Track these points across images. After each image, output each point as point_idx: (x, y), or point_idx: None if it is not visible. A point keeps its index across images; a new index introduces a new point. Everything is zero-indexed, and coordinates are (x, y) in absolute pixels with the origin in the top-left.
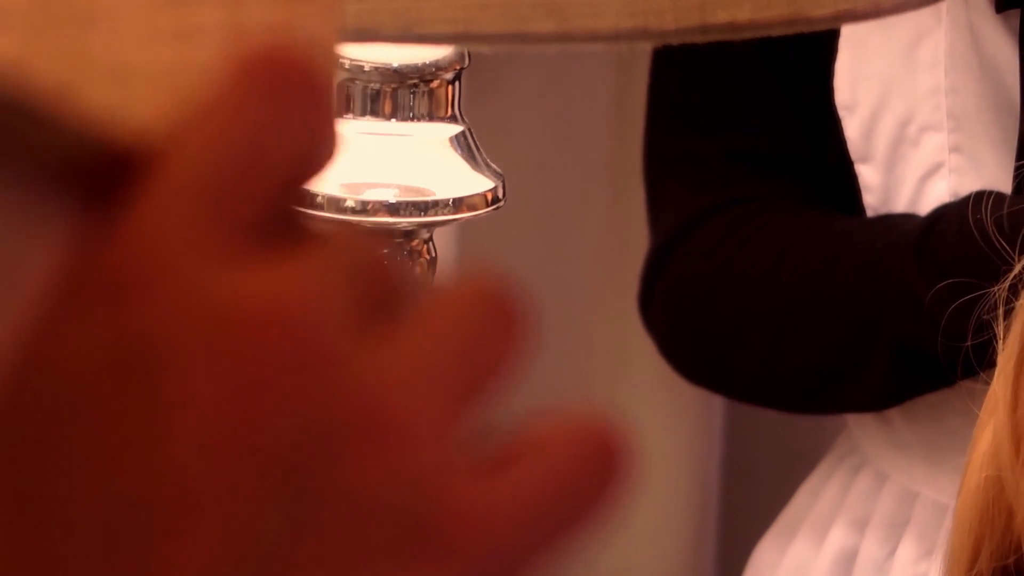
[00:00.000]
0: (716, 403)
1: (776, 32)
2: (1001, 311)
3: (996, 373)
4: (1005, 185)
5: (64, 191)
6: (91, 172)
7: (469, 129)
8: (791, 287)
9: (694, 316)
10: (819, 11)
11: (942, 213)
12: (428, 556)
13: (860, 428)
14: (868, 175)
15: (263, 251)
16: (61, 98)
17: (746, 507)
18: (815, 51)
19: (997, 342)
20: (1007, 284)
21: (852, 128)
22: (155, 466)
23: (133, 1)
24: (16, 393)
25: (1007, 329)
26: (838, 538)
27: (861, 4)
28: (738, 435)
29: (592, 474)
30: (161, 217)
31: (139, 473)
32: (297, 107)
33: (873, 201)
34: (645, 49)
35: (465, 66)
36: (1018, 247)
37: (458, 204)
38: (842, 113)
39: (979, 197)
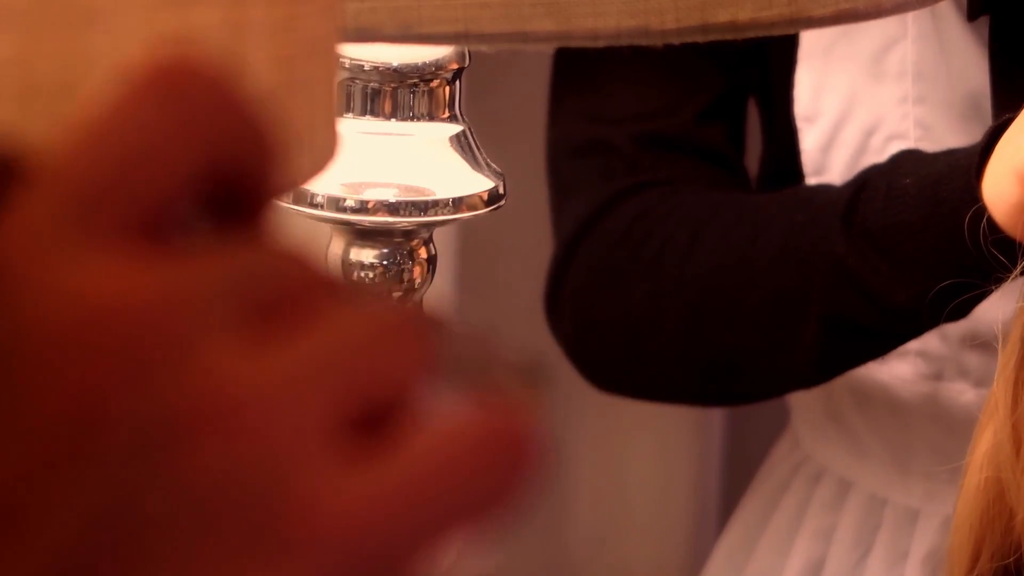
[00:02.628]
0: None
1: (777, 32)
2: (1000, 314)
3: (996, 374)
4: None
5: None
6: None
7: (469, 129)
8: (709, 266)
9: (604, 308)
10: (820, 11)
11: (866, 179)
12: (276, 547)
13: (817, 436)
14: None
15: (149, 253)
16: None
17: None
18: (760, 54)
19: (997, 343)
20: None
21: (810, 140)
22: None
23: (133, 1)
24: None
25: (1007, 331)
26: (803, 548)
27: (862, 4)
28: (738, 435)
29: (486, 469)
30: (24, 219)
31: None
32: (193, 112)
33: None
34: None
35: (465, 66)
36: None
37: (458, 204)
38: (801, 125)
39: (902, 159)
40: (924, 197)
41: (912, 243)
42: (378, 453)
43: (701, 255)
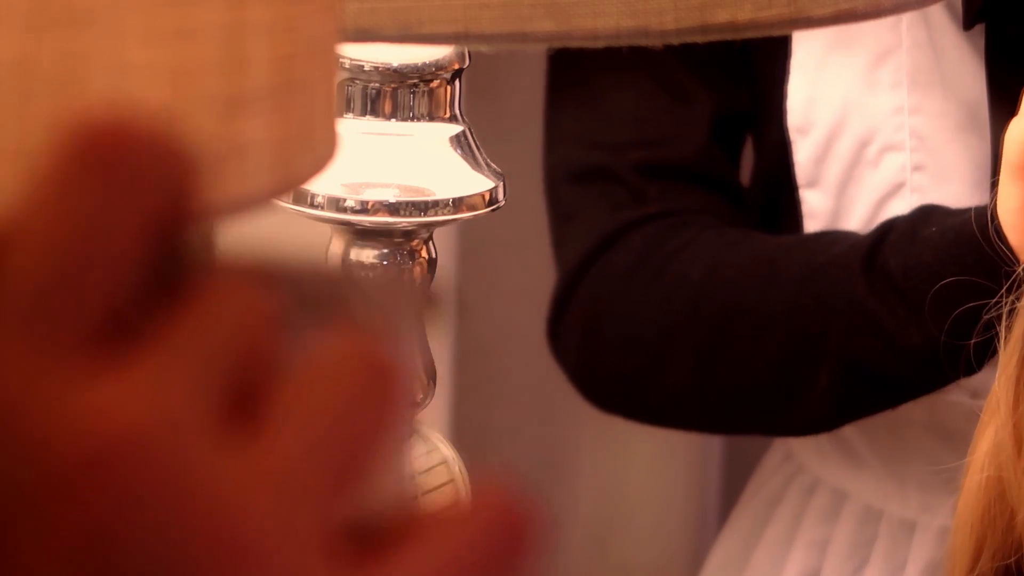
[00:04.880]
0: None
1: (777, 32)
2: (1005, 311)
3: (998, 373)
4: (969, 201)
5: None
6: None
7: (469, 129)
8: (725, 304)
9: (612, 339)
10: (820, 11)
11: (891, 226)
12: None
13: (812, 447)
14: (815, 201)
15: (106, 349)
16: None
17: None
18: (749, 71)
19: (998, 342)
20: (1007, 285)
21: (803, 152)
22: None
23: (133, 1)
24: None
25: (1008, 329)
26: (798, 560)
27: (861, 4)
28: (738, 436)
29: (494, 556)
30: None
31: None
32: (134, 181)
33: (817, 227)
34: None
35: (465, 66)
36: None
37: (458, 204)
38: (794, 136)
39: (931, 210)
40: (946, 240)
41: (930, 284)
42: (375, 560)
43: (717, 293)
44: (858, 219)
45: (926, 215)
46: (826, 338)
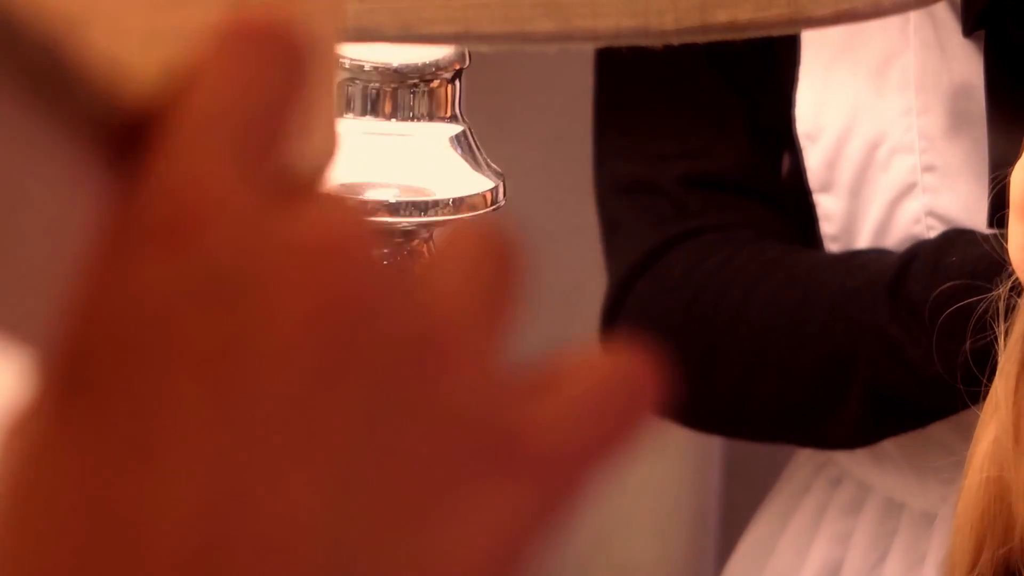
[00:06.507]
0: None
1: (777, 32)
2: (1002, 309)
3: (997, 372)
4: (980, 199)
5: (92, 149)
6: (113, 130)
7: (469, 129)
8: (761, 325)
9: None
10: (820, 11)
11: (916, 253)
12: (504, 470)
13: None
14: (828, 204)
15: (282, 192)
16: (86, 57)
17: (746, 507)
18: (774, 79)
19: (997, 342)
20: (1007, 287)
21: (814, 157)
22: (246, 395)
23: (133, 1)
24: (92, 334)
25: (1008, 328)
26: (821, 551)
27: (861, 4)
28: None
29: (626, 396)
30: (194, 160)
31: (231, 404)
32: (286, 65)
33: (832, 230)
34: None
35: (465, 66)
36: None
37: (458, 204)
38: (804, 143)
39: (955, 237)
40: (964, 273)
41: (955, 320)
42: (544, 381)
43: (754, 314)
44: (873, 220)
45: (950, 242)
46: (855, 363)
